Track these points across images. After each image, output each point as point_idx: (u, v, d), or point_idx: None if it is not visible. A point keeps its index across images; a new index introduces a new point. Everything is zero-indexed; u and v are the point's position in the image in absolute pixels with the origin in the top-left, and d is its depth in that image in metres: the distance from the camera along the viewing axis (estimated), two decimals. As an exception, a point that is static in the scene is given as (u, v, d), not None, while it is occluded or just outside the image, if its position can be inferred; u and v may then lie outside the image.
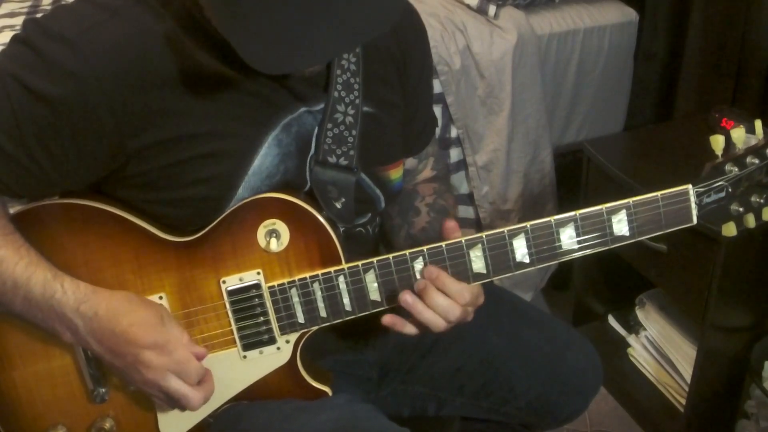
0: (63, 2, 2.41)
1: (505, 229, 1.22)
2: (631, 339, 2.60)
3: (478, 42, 2.44)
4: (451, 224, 1.25)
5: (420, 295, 1.22)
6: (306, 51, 1.00)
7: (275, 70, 1.03)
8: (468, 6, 2.54)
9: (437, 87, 2.39)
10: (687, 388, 2.28)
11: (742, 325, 2.19)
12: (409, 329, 1.25)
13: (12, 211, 1.24)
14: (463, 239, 1.23)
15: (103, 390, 1.28)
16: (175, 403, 1.20)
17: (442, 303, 1.22)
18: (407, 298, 1.22)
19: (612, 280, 2.67)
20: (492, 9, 2.49)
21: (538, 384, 1.49)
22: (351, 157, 1.30)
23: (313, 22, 0.99)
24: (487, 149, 2.54)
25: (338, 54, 1.17)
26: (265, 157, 1.23)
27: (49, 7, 2.54)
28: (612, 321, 2.70)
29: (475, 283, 1.26)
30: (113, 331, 1.15)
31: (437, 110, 2.39)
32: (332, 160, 1.29)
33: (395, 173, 1.41)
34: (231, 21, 1.01)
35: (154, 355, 1.15)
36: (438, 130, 2.38)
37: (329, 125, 1.28)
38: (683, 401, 2.31)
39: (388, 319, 1.24)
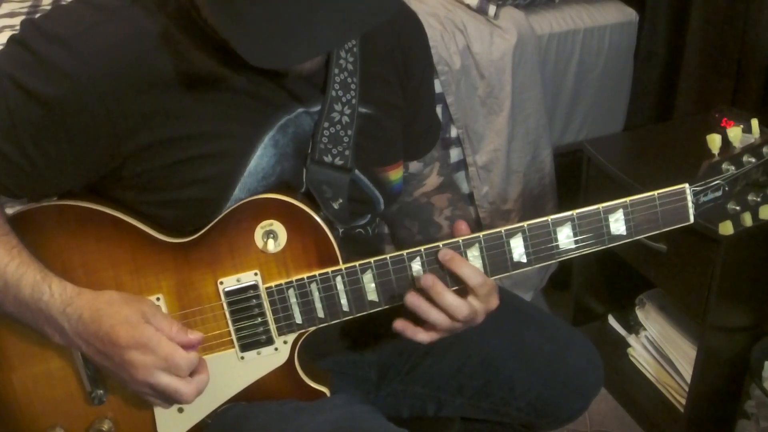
0: (62, 2, 2.41)
1: (503, 229, 1.22)
2: (631, 339, 2.60)
3: (478, 42, 2.44)
4: (461, 226, 1.24)
5: (427, 291, 1.20)
6: (301, 44, 1.00)
7: (271, 64, 1.03)
8: (468, 6, 2.53)
9: (437, 87, 2.38)
10: (687, 388, 2.28)
11: (742, 325, 2.19)
12: (421, 336, 1.24)
13: (10, 212, 1.24)
14: (460, 239, 1.22)
15: (101, 392, 1.28)
16: (168, 399, 1.19)
17: (451, 301, 1.20)
18: (412, 298, 1.20)
19: (612, 280, 2.67)
20: (492, 9, 2.49)
21: (539, 384, 1.49)
22: (346, 157, 1.30)
23: (309, 15, 0.99)
24: (487, 149, 2.54)
25: (333, 47, 1.16)
26: (261, 158, 1.23)
27: (49, 7, 2.53)
28: (612, 321, 2.71)
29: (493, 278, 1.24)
30: (97, 334, 1.14)
31: (437, 110, 2.39)
32: (328, 159, 1.29)
33: (394, 174, 1.41)
34: (226, 15, 1.01)
35: (138, 353, 1.14)
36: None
37: (326, 124, 1.28)
38: (683, 401, 2.31)
39: (399, 324, 1.23)
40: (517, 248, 1.23)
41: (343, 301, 1.25)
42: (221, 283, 1.24)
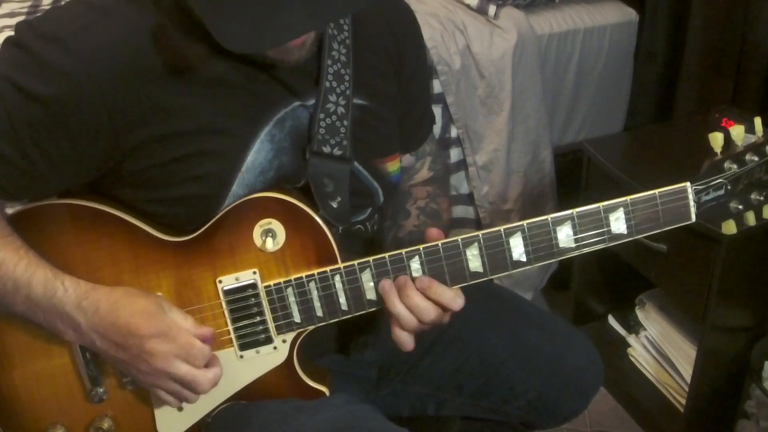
0: (62, 2, 2.41)
1: (502, 228, 1.22)
2: (631, 339, 2.60)
3: (478, 42, 2.44)
4: (433, 232, 1.25)
5: (398, 290, 1.22)
6: (274, 29, 1.01)
7: (244, 48, 1.03)
8: (468, 6, 2.54)
9: (437, 87, 2.39)
10: (687, 388, 2.28)
11: (742, 325, 2.19)
12: (404, 337, 1.25)
13: (11, 211, 1.24)
14: (459, 238, 1.22)
15: (101, 390, 1.28)
16: (185, 387, 1.19)
17: (419, 303, 1.22)
18: (385, 284, 1.22)
19: (612, 280, 2.67)
20: (492, 9, 2.49)
21: (538, 383, 1.49)
22: (344, 147, 1.30)
23: (283, 1, 0.99)
24: (487, 149, 2.54)
25: (305, 32, 1.14)
26: (258, 153, 1.24)
27: (49, 7, 2.53)
28: (612, 321, 2.70)
29: (458, 287, 1.25)
30: (115, 324, 1.16)
31: (437, 110, 2.39)
32: (327, 150, 1.29)
33: (392, 166, 1.41)
34: (206, 1, 1.02)
35: (158, 342, 1.15)
36: (438, 130, 2.39)
37: (321, 115, 1.28)
38: (683, 401, 2.31)
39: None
40: (517, 247, 1.23)
41: (342, 300, 1.25)
42: (220, 281, 1.25)
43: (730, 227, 1.29)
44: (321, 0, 1.01)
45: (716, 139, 1.24)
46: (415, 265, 1.23)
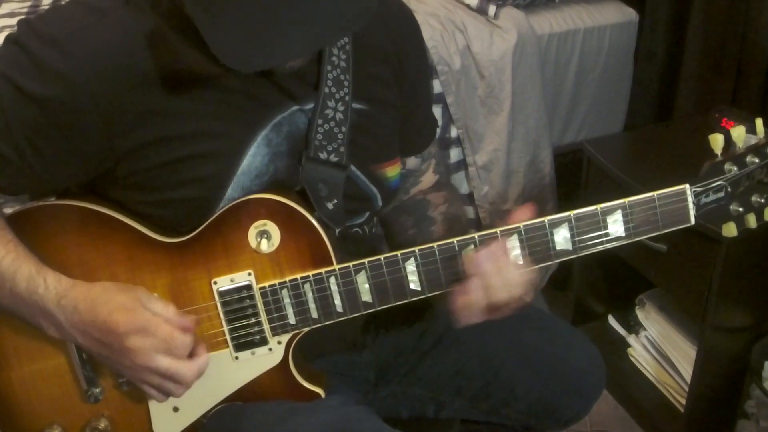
0: (61, 2, 2.40)
1: (498, 230, 1.21)
2: (631, 339, 2.59)
3: (478, 42, 2.44)
4: (525, 210, 1.23)
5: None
6: (275, 48, 1.01)
7: (245, 66, 1.04)
8: (468, 6, 2.53)
9: (437, 87, 2.39)
10: (687, 388, 2.28)
11: (742, 325, 2.19)
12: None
13: (9, 211, 1.24)
14: (455, 240, 1.22)
15: (97, 390, 1.28)
16: (170, 382, 1.18)
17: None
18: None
19: (612, 280, 2.66)
20: (492, 9, 2.49)
21: (539, 386, 1.48)
22: (341, 153, 1.30)
23: (283, 19, 0.99)
24: (487, 149, 2.54)
25: (306, 52, 1.16)
26: (254, 157, 1.23)
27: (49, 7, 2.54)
28: (612, 321, 2.70)
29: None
30: (94, 322, 1.15)
31: (437, 110, 2.39)
32: (323, 156, 1.29)
33: (391, 171, 1.41)
34: (205, 16, 1.02)
35: (138, 338, 1.14)
36: (438, 130, 2.38)
37: (320, 121, 1.27)
38: (683, 401, 2.31)
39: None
40: (513, 250, 1.22)
41: (337, 301, 1.25)
42: (215, 282, 1.24)
43: (730, 230, 1.28)
44: (315, 26, 1.01)
45: (717, 141, 1.23)
46: (411, 266, 1.22)
